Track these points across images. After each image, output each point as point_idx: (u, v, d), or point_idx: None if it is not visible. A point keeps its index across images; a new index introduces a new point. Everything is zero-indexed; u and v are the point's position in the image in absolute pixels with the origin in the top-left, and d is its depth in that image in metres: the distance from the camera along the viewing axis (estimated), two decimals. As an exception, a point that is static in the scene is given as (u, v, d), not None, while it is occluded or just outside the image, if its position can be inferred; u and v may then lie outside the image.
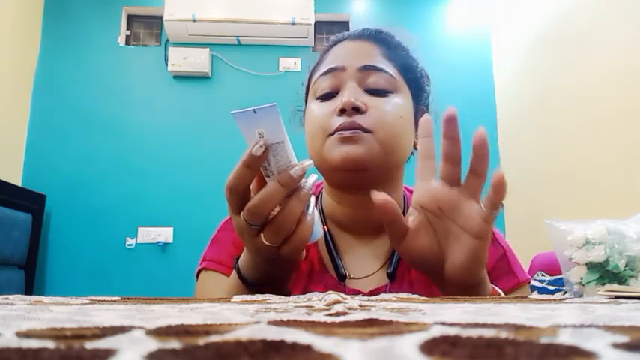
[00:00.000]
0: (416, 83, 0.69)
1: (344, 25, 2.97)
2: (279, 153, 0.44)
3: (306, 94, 0.73)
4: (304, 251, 0.52)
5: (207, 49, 2.73)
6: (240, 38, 2.78)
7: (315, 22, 2.75)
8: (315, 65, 0.71)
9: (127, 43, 2.85)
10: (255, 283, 0.52)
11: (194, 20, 2.63)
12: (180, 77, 2.75)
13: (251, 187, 0.47)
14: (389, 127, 0.61)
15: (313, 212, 0.47)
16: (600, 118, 1.84)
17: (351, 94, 0.60)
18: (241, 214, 0.46)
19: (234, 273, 0.54)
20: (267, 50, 2.82)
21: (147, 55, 2.81)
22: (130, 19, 2.92)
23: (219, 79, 2.79)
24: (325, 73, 0.65)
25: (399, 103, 0.64)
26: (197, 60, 2.70)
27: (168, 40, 2.77)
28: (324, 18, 2.91)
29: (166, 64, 2.73)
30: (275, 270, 0.51)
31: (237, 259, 0.55)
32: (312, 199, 0.48)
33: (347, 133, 0.58)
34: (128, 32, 2.88)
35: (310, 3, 2.70)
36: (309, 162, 0.46)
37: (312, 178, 0.48)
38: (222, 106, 2.75)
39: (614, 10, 1.80)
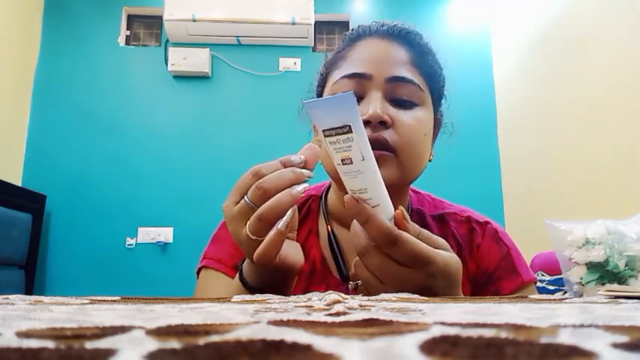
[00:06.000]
0: (438, 92, 0.66)
1: (344, 25, 2.97)
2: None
3: (320, 85, 0.70)
4: (302, 258, 0.51)
5: (207, 49, 2.73)
6: (240, 38, 2.78)
7: (315, 22, 2.75)
8: (336, 57, 0.67)
9: (127, 43, 2.85)
10: (255, 287, 0.51)
11: (194, 20, 2.63)
12: (180, 77, 2.75)
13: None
14: (413, 148, 0.59)
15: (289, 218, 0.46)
16: (600, 118, 1.84)
17: (377, 106, 0.57)
18: (248, 193, 0.46)
19: (236, 278, 0.54)
20: (267, 50, 2.82)
21: (147, 55, 2.81)
22: (130, 19, 2.92)
23: (219, 79, 2.79)
24: (349, 77, 0.61)
25: (423, 118, 0.61)
26: (197, 60, 2.70)
27: (168, 40, 2.77)
28: (324, 18, 2.91)
29: (166, 64, 2.73)
30: (272, 277, 0.50)
31: (243, 262, 0.54)
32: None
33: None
34: (128, 32, 2.88)
35: (310, 3, 2.70)
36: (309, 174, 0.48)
37: (304, 186, 0.47)
38: (222, 106, 2.75)
39: (615, 9, 1.80)
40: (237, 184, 0.48)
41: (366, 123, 0.56)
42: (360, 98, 0.60)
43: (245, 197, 0.46)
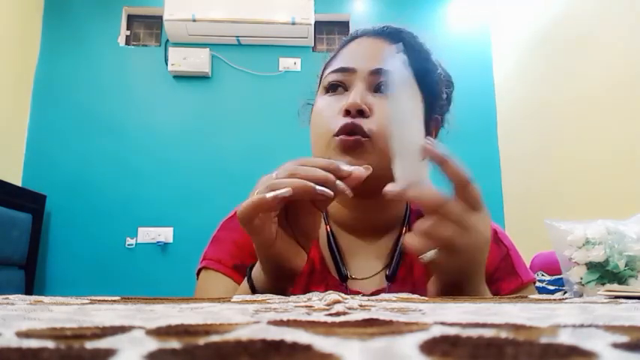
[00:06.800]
0: (431, 90, 0.66)
1: (344, 25, 2.97)
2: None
3: (318, 86, 0.72)
4: (304, 259, 0.52)
5: (207, 49, 2.73)
6: (240, 38, 2.78)
7: (315, 22, 2.75)
8: (331, 58, 0.70)
9: (127, 43, 2.85)
10: (258, 285, 0.52)
11: (194, 20, 2.63)
12: (180, 77, 2.75)
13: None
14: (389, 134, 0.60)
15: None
16: (600, 118, 1.84)
17: (356, 96, 0.59)
18: (280, 171, 0.48)
19: (244, 281, 0.54)
20: (267, 50, 2.82)
21: (147, 55, 2.81)
22: (130, 19, 2.92)
23: (219, 79, 2.79)
24: (335, 72, 0.64)
25: None
26: (197, 60, 2.70)
27: (168, 40, 2.77)
28: (324, 18, 2.91)
29: (166, 64, 2.73)
30: (274, 271, 0.51)
31: (251, 267, 0.55)
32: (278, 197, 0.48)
33: (349, 139, 0.58)
34: (128, 32, 2.88)
35: (310, 3, 2.70)
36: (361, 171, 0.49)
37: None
38: (222, 106, 2.75)
39: (615, 9, 1.80)
40: (283, 165, 0.50)
41: (346, 112, 0.59)
42: (346, 89, 0.64)
43: (276, 172, 0.48)
